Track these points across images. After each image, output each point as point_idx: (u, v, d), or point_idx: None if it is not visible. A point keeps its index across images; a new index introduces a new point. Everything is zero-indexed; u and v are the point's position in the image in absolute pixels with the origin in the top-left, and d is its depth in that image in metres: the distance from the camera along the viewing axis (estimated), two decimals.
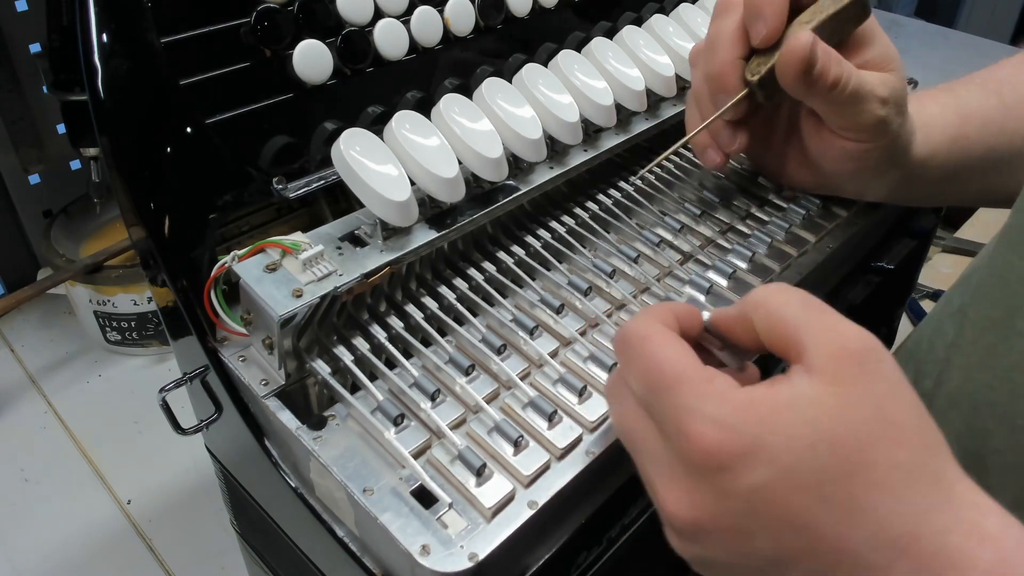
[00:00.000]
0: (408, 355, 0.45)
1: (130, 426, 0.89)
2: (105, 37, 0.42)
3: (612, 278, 0.50)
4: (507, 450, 0.40)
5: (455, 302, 0.48)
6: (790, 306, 0.32)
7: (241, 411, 0.44)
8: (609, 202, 0.57)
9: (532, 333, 0.46)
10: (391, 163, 0.46)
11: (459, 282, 0.49)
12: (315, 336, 0.44)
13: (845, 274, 0.59)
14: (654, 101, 0.61)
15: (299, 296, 0.42)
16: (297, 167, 0.49)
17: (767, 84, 0.47)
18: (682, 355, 0.32)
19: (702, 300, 0.50)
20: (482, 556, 0.36)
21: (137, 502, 0.81)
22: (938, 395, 0.49)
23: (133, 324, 0.96)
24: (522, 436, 0.40)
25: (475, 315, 0.48)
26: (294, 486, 0.43)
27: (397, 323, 0.46)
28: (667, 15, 0.63)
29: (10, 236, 1.05)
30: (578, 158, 0.55)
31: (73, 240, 1.00)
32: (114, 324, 0.96)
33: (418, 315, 0.47)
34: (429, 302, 0.48)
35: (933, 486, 0.29)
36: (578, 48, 0.58)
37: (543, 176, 0.53)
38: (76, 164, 1.07)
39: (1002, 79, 0.54)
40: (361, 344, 0.45)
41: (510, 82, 0.53)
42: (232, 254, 0.44)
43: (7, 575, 0.74)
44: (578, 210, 0.56)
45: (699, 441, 0.30)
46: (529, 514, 0.38)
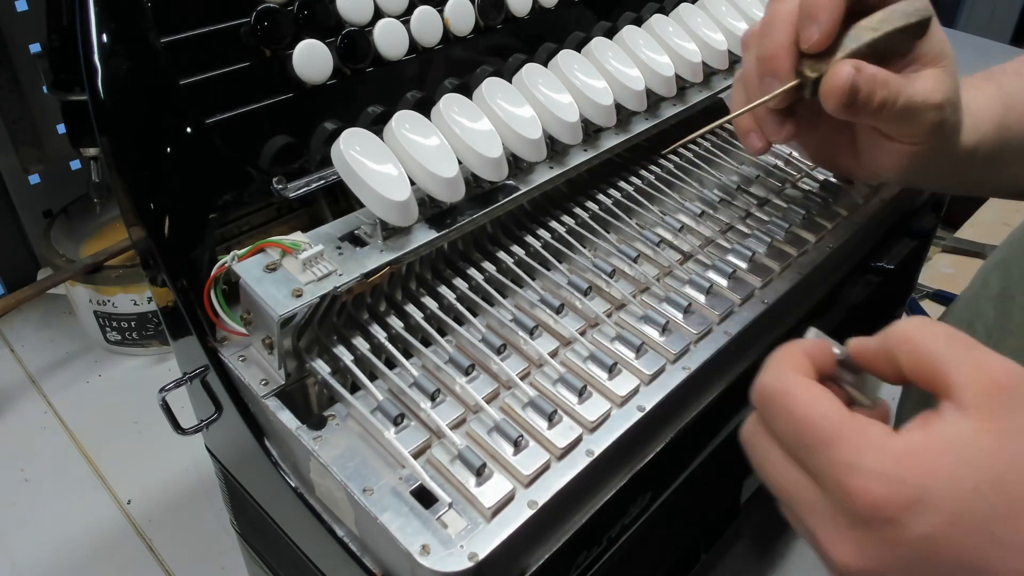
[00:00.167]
0: (408, 355, 0.46)
1: (130, 426, 0.89)
2: (105, 37, 0.43)
3: (612, 278, 0.50)
4: (507, 450, 0.40)
5: (455, 302, 0.48)
6: (936, 342, 0.33)
7: (241, 411, 0.44)
8: (609, 202, 0.57)
9: (532, 333, 0.46)
10: (391, 163, 0.46)
11: (459, 282, 0.50)
12: (315, 336, 0.44)
13: (845, 274, 0.59)
14: (654, 101, 0.61)
15: (299, 296, 0.42)
16: (297, 167, 0.49)
17: (818, 86, 0.46)
18: (830, 408, 0.33)
19: (702, 300, 0.50)
20: (482, 556, 0.36)
21: (137, 502, 0.81)
22: None
23: (133, 324, 0.96)
24: (522, 436, 0.40)
25: (475, 315, 0.48)
26: (294, 486, 0.43)
27: (397, 323, 0.46)
28: (667, 15, 0.63)
29: (10, 236, 1.06)
30: (578, 158, 0.55)
31: (73, 240, 1.00)
32: (114, 324, 0.96)
33: (418, 315, 0.47)
34: (429, 302, 0.48)
35: None
36: (578, 48, 0.58)
37: (543, 176, 0.53)
38: (76, 164, 1.07)
39: None
40: (361, 344, 0.45)
41: (510, 82, 0.53)
42: (232, 254, 0.44)
43: (7, 575, 0.74)
44: (578, 210, 0.56)
45: (864, 497, 0.30)
46: (529, 514, 0.38)
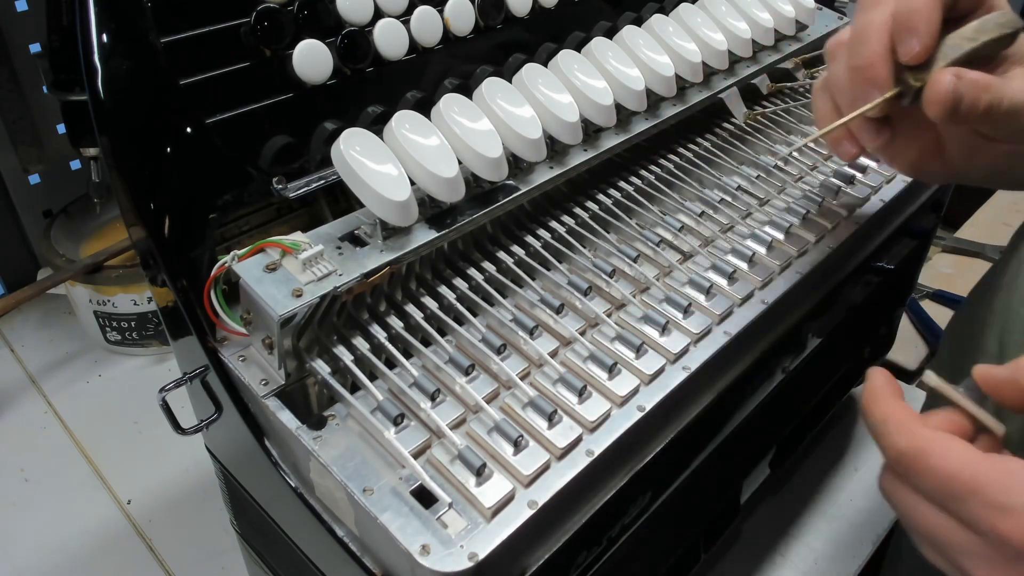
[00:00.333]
0: (408, 355, 0.46)
1: (130, 426, 0.89)
2: (105, 37, 0.43)
3: (612, 278, 0.50)
4: (507, 450, 0.40)
5: (455, 302, 0.48)
6: None
7: (241, 411, 0.44)
8: (609, 202, 0.57)
9: (532, 333, 0.46)
10: (391, 163, 0.46)
11: (459, 282, 0.50)
12: (315, 336, 0.44)
13: (845, 274, 0.59)
14: (654, 101, 0.61)
15: (299, 296, 0.42)
16: (297, 167, 0.49)
17: (919, 95, 0.46)
18: (969, 456, 0.34)
19: (702, 300, 0.50)
20: (482, 556, 0.36)
21: (137, 502, 0.81)
22: None
23: (133, 324, 0.96)
24: (522, 436, 0.40)
25: (475, 315, 0.48)
26: (294, 486, 0.43)
27: (397, 323, 0.46)
28: (667, 15, 0.63)
29: (10, 236, 1.06)
30: (578, 158, 0.55)
31: (73, 240, 1.00)
32: (114, 324, 0.96)
33: (418, 315, 0.47)
34: (429, 302, 0.48)
35: None
36: (578, 48, 0.58)
37: (543, 176, 0.53)
38: (76, 164, 1.07)
39: None
40: (361, 344, 0.45)
41: (510, 82, 0.53)
42: (232, 254, 0.44)
43: (7, 575, 0.74)
44: (578, 210, 0.56)
45: (1020, 534, 0.31)
46: (529, 514, 0.38)
